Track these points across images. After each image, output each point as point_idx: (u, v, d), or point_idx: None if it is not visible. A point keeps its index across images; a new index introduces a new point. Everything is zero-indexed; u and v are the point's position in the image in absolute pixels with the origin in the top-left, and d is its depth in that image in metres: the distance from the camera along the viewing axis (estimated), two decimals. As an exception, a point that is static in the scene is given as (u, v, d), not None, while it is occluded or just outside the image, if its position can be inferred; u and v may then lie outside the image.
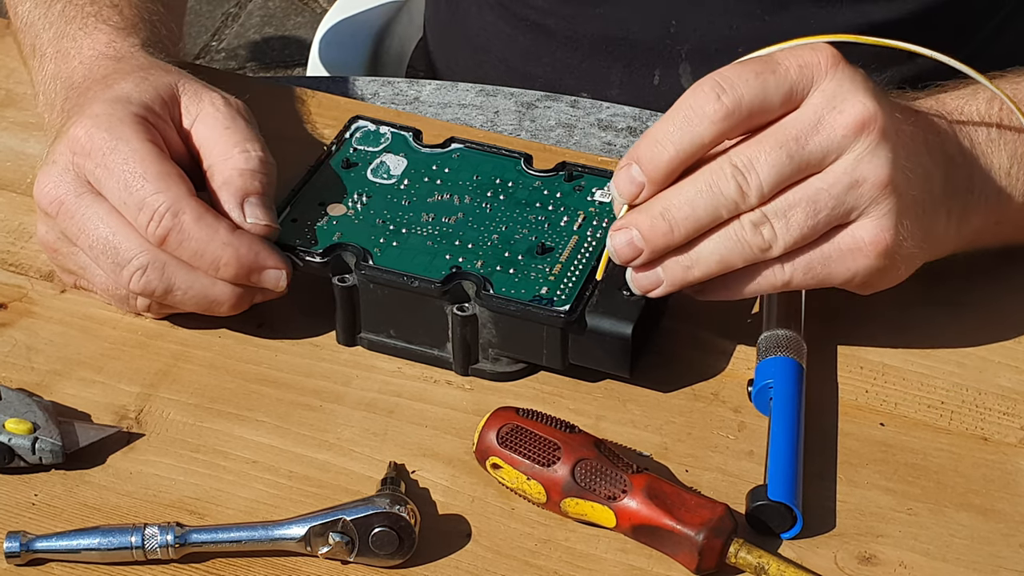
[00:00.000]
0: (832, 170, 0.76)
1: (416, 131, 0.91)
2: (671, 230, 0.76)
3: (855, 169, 0.76)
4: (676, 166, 0.77)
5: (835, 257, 0.78)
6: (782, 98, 0.76)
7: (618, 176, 0.78)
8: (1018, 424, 0.82)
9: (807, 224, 0.76)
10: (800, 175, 0.76)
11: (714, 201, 0.76)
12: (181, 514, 0.76)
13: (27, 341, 0.85)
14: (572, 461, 0.75)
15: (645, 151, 0.77)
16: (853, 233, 0.77)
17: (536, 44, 1.15)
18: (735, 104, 0.75)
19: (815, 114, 0.76)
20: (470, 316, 0.81)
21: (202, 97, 0.86)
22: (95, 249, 0.82)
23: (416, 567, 0.74)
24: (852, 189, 0.76)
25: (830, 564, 0.75)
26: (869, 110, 0.76)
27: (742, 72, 0.76)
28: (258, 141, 0.85)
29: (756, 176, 0.76)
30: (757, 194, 0.76)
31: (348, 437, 0.80)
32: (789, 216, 0.76)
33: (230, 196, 0.82)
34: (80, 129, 0.82)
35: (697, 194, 0.76)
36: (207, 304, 0.82)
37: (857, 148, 0.76)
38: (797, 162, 0.76)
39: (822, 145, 0.76)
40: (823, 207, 0.76)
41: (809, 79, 0.76)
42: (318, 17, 2.54)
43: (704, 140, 0.76)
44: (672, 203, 0.76)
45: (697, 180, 0.76)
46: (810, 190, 0.76)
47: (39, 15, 0.93)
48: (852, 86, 0.76)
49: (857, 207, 0.76)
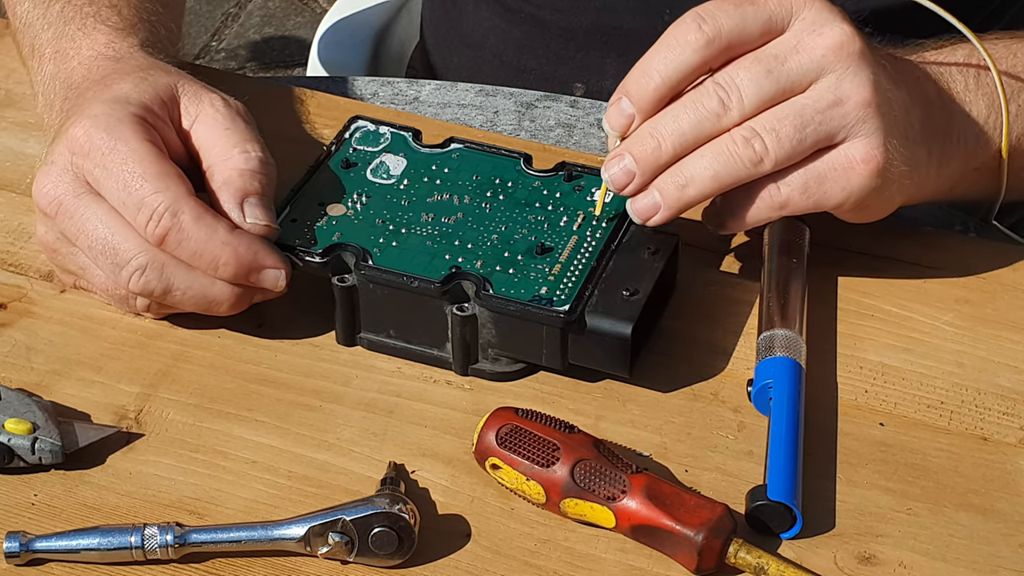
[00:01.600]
0: (815, 88, 0.80)
1: (416, 131, 0.91)
2: (658, 146, 0.80)
3: (838, 87, 0.79)
4: (663, 94, 0.81)
5: (830, 175, 0.81)
6: (761, 27, 0.80)
7: (610, 111, 0.82)
8: (1018, 424, 0.82)
9: (795, 137, 0.79)
10: (782, 94, 0.80)
11: (698, 115, 0.80)
12: (181, 514, 0.76)
13: (27, 341, 0.85)
14: (571, 461, 0.75)
15: (633, 83, 0.81)
16: (845, 152, 0.80)
17: (531, 37, 1.15)
18: (715, 32, 0.79)
19: (795, 37, 0.80)
20: (470, 316, 0.81)
21: (201, 98, 0.86)
22: (94, 249, 0.82)
23: (416, 567, 0.74)
24: (836, 106, 0.79)
25: (830, 564, 0.75)
26: (847, 33, 0.80)
27: (722, 4, 0.80)
28: (258, 142, 0.85)
29: (737, 90, 0.79)
30: (738, 108, 0.79)
31: (348, 437, 0.80)
32: (778, 129, 0.79)
33: (230, 196, 0.82)
34: (79, 129, 0.82)
35: (681, 111, 0.80)
36: (206, 304, 0.82)
37: (838, 68, 0.79)
38: (776, 78, 0.79)
39: (802, 64, 0.79)
40: (810, 121, 0.79)
41: (788, 9, 0.80)
42: (318, 17, 2.54)
43: (688, 67, 0.80)
44: (659, 123, 0.80)
45: (682, 100, 0.81)
46: (796, 105, 0.79)
47: (38, 15, 0.93)
48: (831, 14, 0.80)
49: (844, 126, 0.80)
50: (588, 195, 0.87)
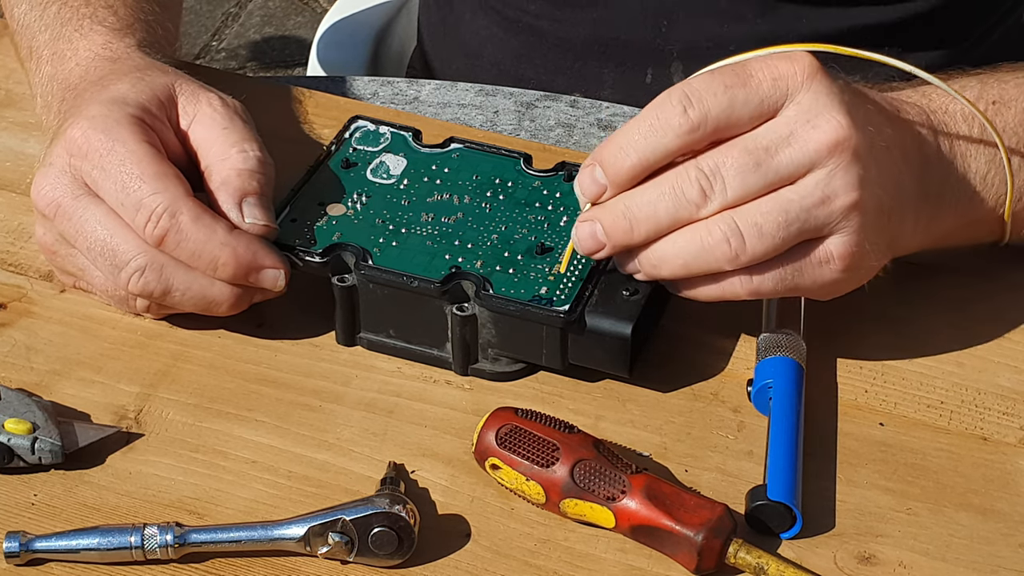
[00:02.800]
0: (804, 183, 0.75)
1: (416, 131, 0.91)
2: (631, 229, 0.77)
3: (827, 185, 0.75)
4: (638, 173, 0.76)
5: (805, 269, 0.77)
6: (752, 113, 0.75)
7: (582, 175, 0.78)
8: (1017, 424, 0.82)
9: (779, 235, 0.75)
10: (768, 187, 0.75)
11: (676, 204, 0.76)
12: (180, 514, 0.76)
13: (27, 341, 0.85)
14: (571, 462, 0.75)
15: (608, 155, 0.77)
16: (825, 247, 0.77)
17: (528, 46, 1.15)
18: (701, 119, 0.75)
19: (788, 127, 0.75)
20: (469, 316, 0.81)
21: (199, 97, 0.86)
22: (93, 251, 0.82)
23: (415, 567, 0.74)
24: (823, 204, 0.75)
25: (829, 564, 0.75)
26: (844, 129, 0.75)
27: (711, 85, 0.75)
28: (256, 141, 0.84)
29: (721, 181, 0.75)
30: (721, 200, 0.75)
31: (348, 437, 0.80)
32: (761, 225, 0.75)
33: (228, 196, 0.82)
34: (76, 131, 0.82)
35: (659, 196, 0.76)
36: (206, 304, 0.82)
37: (830, 164, 0.75)
38: (764, 173, 0.75)
39: (793, 158, 0.75)
40: (795, 219, 0.75)
41: (783, 92, 0.75)
42: (318, 17, 2.54)
43: (668, 151, 0.76)
44: (634, 203, 0.76)
45: (661, 183, 0.76)
46: (782, 200, 0.75)
47: (35, 17, 0.93)
48: (828, 101, 0.75)
49: (828, 223, 0.76)
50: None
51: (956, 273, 0.89)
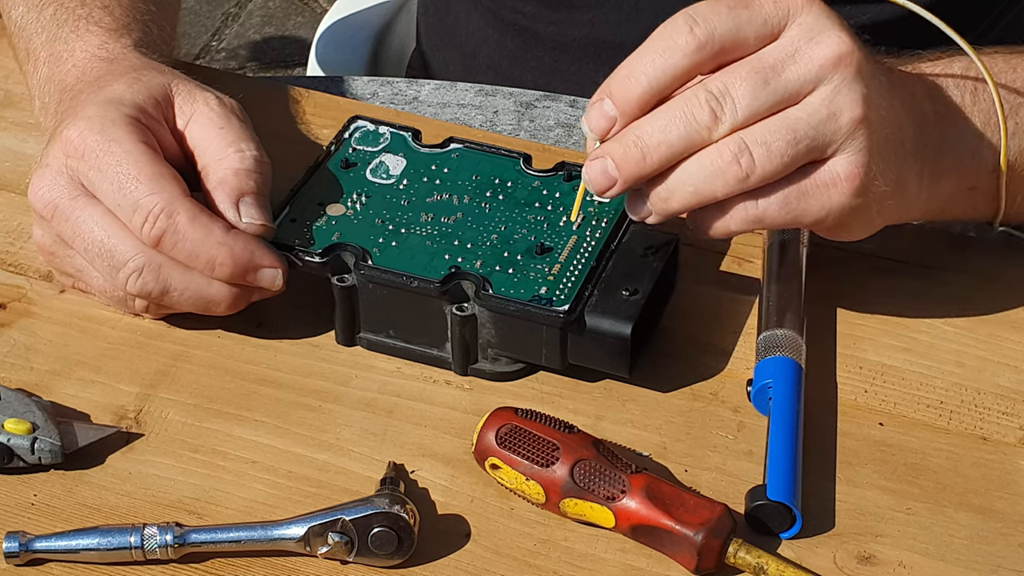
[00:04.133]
0: (810, 101, 0.76)
1: (415, 131, 0.91)
2: (643, 158, 0.76)
3: (832, 101, 0.76)
4: (648, 99, 0.76)
5: (811, 192, 0.77)
6: (756, 32, 0.76)
7: (590, 111, 0.77)
8: (1017, 424, 0.82)
9: (788, 153, 0.75)
10: (776, 106, 0.76)
11: (687, 128, 0.75)
12: (180, 514, 0.76)
13: (26, 341, 0.85)
14: (571, 461, 0.75)
15: (617, 85, 0.77)
16: (830, 168, 0.77)
17: (524, 49, 1.15)
18: (708, 36, 0.75)
19: (792, 45, 0.76)
20: (469, 316, 0.81)
21: (196, 97, 0.86)
22: (91, 252, 0.82)
23: (415, 567, 0.74)
24: (829, 121, 0.75)
25: (829, 564, 0.75)
26: (847, 44, 0.76)
27: (716, 6, 0.76)
28: (253, 140, 0.84)
29: (731, 102, 0.75)
30: (731, 120, 0.75)
31: (347, 437, 0.80)
32: (770, 143, 0.75)
33: (225, 196, 0.82)
34: (73, 131, 0.82)
35: (670, 121, 0.76)
36: (204, 304, 0.82)
37: (835, 80, 0.76)
38: (773, 89, 0.75)
39: (799, 75, 0.75)
40: (803, 136, 0.75)
41: (785, 12, 0.76)
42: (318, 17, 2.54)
43: (677, 72, 0.76)
44: (645, 131, 0.76)
45: (671, 107, 0.76)
46: (789, 119, 0.75)
47: (31, 19, 0.93)
48: (828, 21, 0.76)
49: (834, 140, 0.76)
50: (588, 195, 0.86)
51: (956, 273, 0.89)
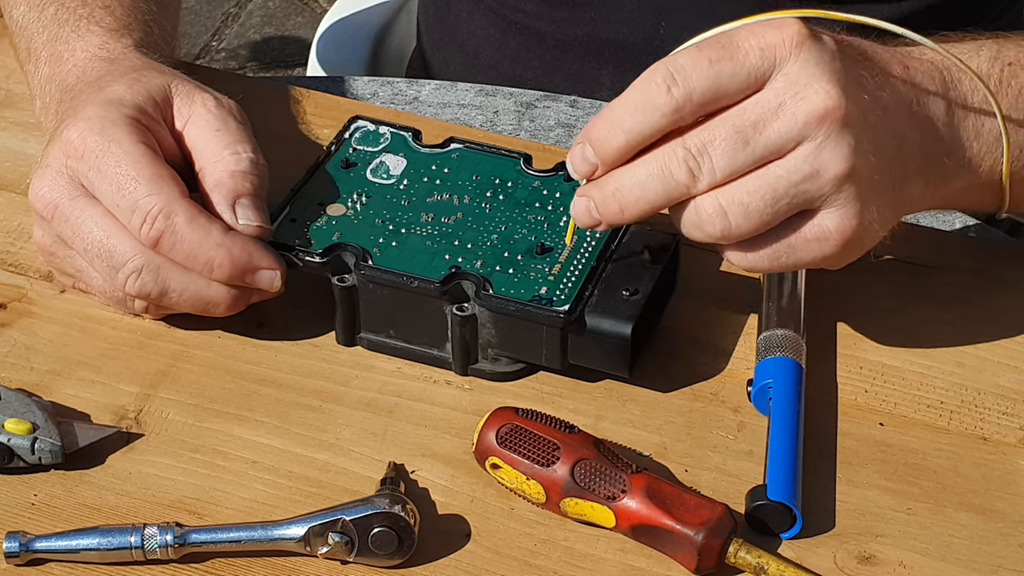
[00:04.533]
0: (792, 157, 0.74)
1: (415, 131, 0.91)
2: (621, 211, 0.76)
3: (815, 158, 0.73)
4: (626, 151, 0.75)
5: (800, 246, 0.76)
6: (739, 86, 0.74)
7: (574, 152, 0.77)
8: (1017, 424, 0.82)
9: (767, 212, 0.74)
10: (757, 163, 0.74)
11: (664, 185, 0.74)
12: (180, 514, 0.76)
13: (27, 341, 0.85)
14: (571, 461, 0.75)
15: (597, 133, 0.76)
16: (819, 223, 0.75)
17: (526, 47, 1.15)
18: (686, 97, 0.73)
19: (776, 99, 0.73)
20: (469, 316, 0.81)
21: (194, 98, 0.85)
22: (90, 252, 0.82)
23: (416, 567, 0.74)
24: (811, 179, 0.74)
25: (829, 564, 0.75)
26: (832, 99, 0.73)
27: (697, 60, 0.74)
28: (249, 142, 0.84)
29: (709, 161, 0.74)
30: (709, 179, 0.74)
31: (348, 437, 0.80)
32: (747, 204, 0.74)
33: (221, 198, 0.82)
34: (73, 132, 0.82)
35: (647, 177, 0.75)
36: (203, 305, 0.82)
37: (819, 136, 0.73)
38: (752, 149, 0.73)
39: (781, 132, 0.73)
40: (782, 195, 0.74)
41: (771, 62, 0.74)
42: (318, 17, 2.54)
43: (654, 130, 0.74)
44: (623, 184, 0.75)
45: (648, 163, 0.75)
46: (769, 177, 0.74)
47: (32, 19, 0.93)
48: (817, 70, 0.74)
49: (819, 197, 0.74)
50: None
51: (956, 273, 0.89)
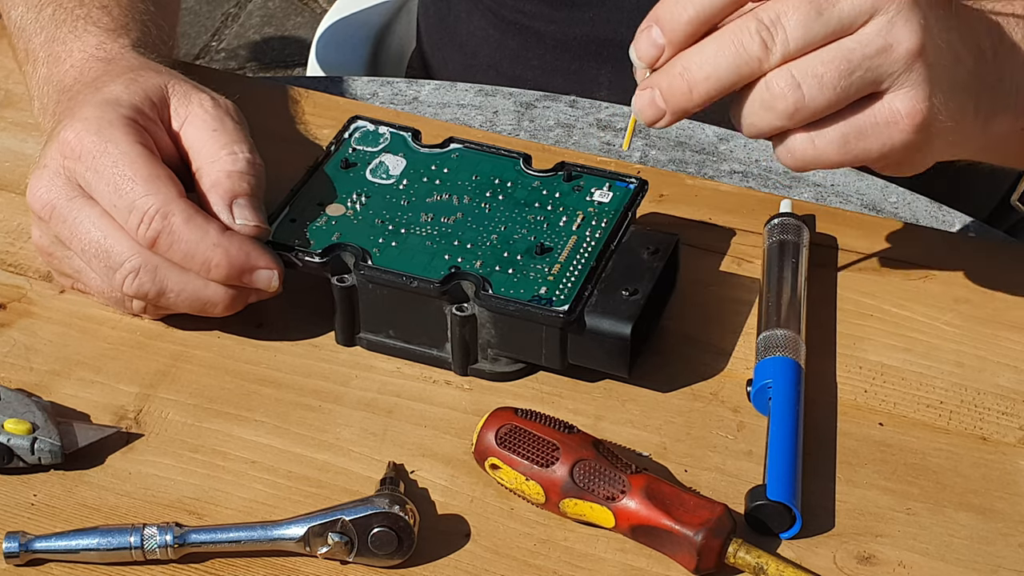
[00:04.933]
0: (864, 31, 0.73)
1: (415, 131, 0.91)
2: (689, 91, 0.74)
3: (888, 32, 0.73)
4: (698, 27, 0.74)
5: (870, 130, 0.75)
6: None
7: (639, 38, 0.75)
8: (1017, 424, 0.82)
9: (839, 85, 0.73)
10: (829, 37, 0.73)
11: (736, 59, 0.73)
12: (180, 514, 0.76)
13: (26, 341, 0.85)
14: (571, 461, 0.75)
15: (665, 11, 0.74)
16: (889, 104, 0.74)
17: (525, 47, 1.15)
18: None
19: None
20: (469, 316, 0.81)
21: (191, 99, 0.85)
22: (88, 253, 0.82)
23: (415, 567, 0.74)
24: (884, 53, 0.73)
25: (829, 564, 0.75)
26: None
27: None
28: (246, 143, 0.84)
29: (783, 31, 0.73)
30: (782, 51, 0.73)
31: (347, 437, 0.80)
32: (822, 75, 0.73)
33: (218, 198, 0.82)
34: (70, 132, 0.82)
35: (718, 52, 0.73)
36: (201, 305, 0.82)
37: (891, 10, 0.73)
38: (826, 20, 0.73)
39: (854, 4, 0.73)
40: (856, 67, 0.73)
41: None
42: (318, 17, 2.54)
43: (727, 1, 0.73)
44: (692, 62, 0.74)
45: (719, 37, 0.73)
46: (843, 50, 0.73)
47: (31, 19, 0.93)
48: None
49: (890, 74, 0.74)
50: (587, 195, 0.87)
51: (956, 273, 0.89)
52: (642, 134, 1.00)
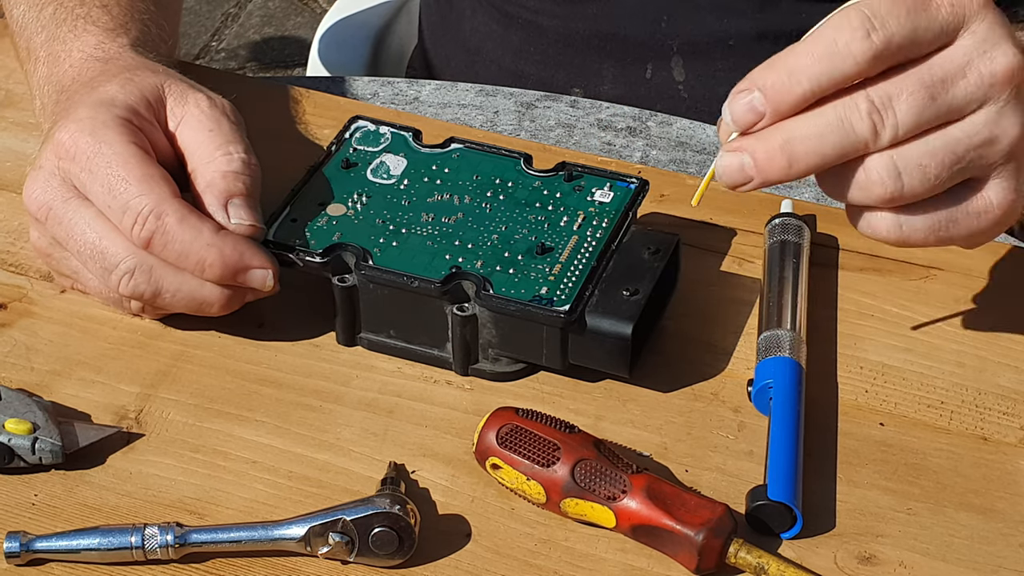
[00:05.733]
0: (973, 120, 0.72)
1: (416, 131, 0.91)
2: (789, 165, 0.71)
3: (996, 123, 0.71)
4: (806, 100, 0.71)
5: (961, 220, 0.73)
6: (932, 38, 0.71)
7: (736, 101, 0.72)
8: (1018, 424, 0.82)
9: (943, 176, 0.71)
10: (938, 121, 0.71)
11: (844, 139, 0.70)
12: (181, 514, 0.76)
13: (27, 341, 0.85)
14: (572, 461, 0.75)
15: (774, 80, 0.71)
16: (985, 195, 0.73)
17: (528, 42, 1.15)
18: (886, 44, 0.70)
19: (965, 56, 0.71)
20: (470, 316, 0.81)
21: (187, 99, 0.85)
22: (83, 254, 0.82)
23: (416, 567, 0.74)
24: (989, 144, 0.72)
25: (830, 564, 0.75)
26: (1018, 61, 0.71)
27: (894, 7, 0.70)
28: (241, 143, 0.84)
29: (893, 115, 0.70)
30: (891, 135, 0.71)
31: (348, 437, 0.80)
32: (927, 168, 0.71)
33: (214, 199, 0.82)
34: (65, 133, 0.82)
35: (826, 128, 0.70)
36: (197, 305, 0.82)
37: (1000, 100, 0.71)
38: (939, 106, 0.71)
39: (968, 91, 0.71)
40: (960, 158, 0.71)
41: (961, 18, 0.71)
42: (318, 17, 2.54)
43: (844, 78, 0.70)
44: (796, 135, 0.71)
45: (827, 112, 0.71)
46: (950, 140, 0.71)
47: (32, 18, 0.93)
48: (1002, 31, 0.72)
49: (990, 164, 0.72)
50: (588, 195, 0.87)
51: (956, 273, 0.89)
52: (641, 133, 1.00)
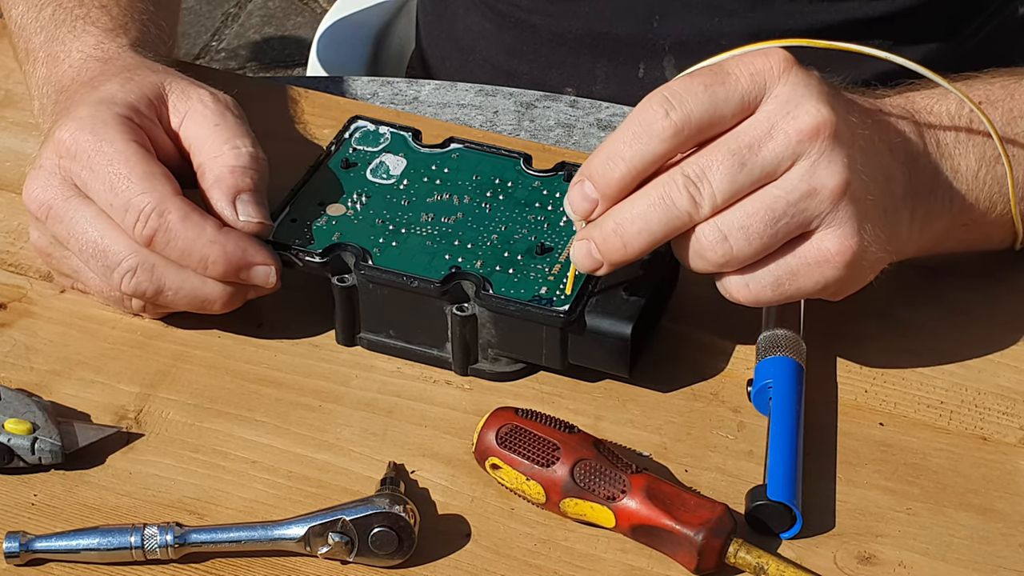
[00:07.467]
0: (787, 177, 0.75)
1: (415, 131, 0.91)
2: (624, 246, 0.76)
3: (811, 176, 0.74)
4: (628, 182, 0.75)
5: (802, 271, 0.76)
6: (733, 110, 0.75)
7: (572, 193, 0.77)
8: (1017, 424, 0.82)
9: (766, 233, 0.75)
10: (754, 185, 0.75)
11: (667, 214, 0.75)
12: (180, 514, 0.76)
13: (27, 341, 0.85)
14: (571, 461, 0.75)
15: (597, 168, 0.76)
16: (818, 244, 0.76)
17: (521, 41, 1.16)
18: (684, 120, 0.74)
19: (768, 121, 0.75)
20: (469, 316, 0.81)
21: (190, 95, 0.85)
22: (85, 253, 0.82)
23: (416, 567, 0.74)
24: (809, 197, 0.74)
25: (829, 564, 0.75)
26: (823, 115, 0.74)
27: (691, 86, 0.75)
28: (248, 137, 0.84)
29: (709, 186, 0.74)
30: (710, 204, 0.74)
31: (347, 437, 0.80)
32: (748, 227, 0.74)
33: (221, 194, 0.82)
34: (65, 132, 0.82)
35: (649, 208, 0.75)
36: (199, 303, 0.82)
37: (812, 154, 0.74)
38: (750, 170, 0.74)
39: (776, 152, 0.74)
40: (781, 215, 0.74)
41: (761, 86, 0.75)
42: (318, 17, 2.54)
43: (655, 156, 0.75)
44: (624, 218, 0.75)
45: (649, 193, 0.75)
46: (767, 198, 0.75)
47: (31, 19, 0.93)
48: (806, 91, 0.75)
49: (817, 215, 0.75)
50: None
51: (956, 274, 0.89)
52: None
